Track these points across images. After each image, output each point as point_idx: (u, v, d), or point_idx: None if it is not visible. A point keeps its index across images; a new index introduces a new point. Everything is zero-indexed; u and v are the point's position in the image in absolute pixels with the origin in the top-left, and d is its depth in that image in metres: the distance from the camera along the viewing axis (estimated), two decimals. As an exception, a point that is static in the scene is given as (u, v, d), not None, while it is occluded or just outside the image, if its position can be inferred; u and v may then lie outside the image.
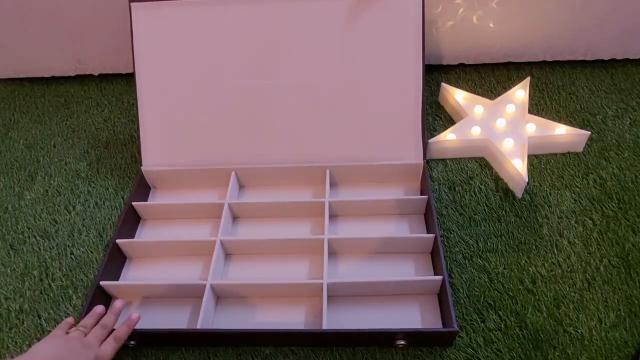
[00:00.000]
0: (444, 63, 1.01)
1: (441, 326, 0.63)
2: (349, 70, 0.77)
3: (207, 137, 0.80)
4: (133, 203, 0.78)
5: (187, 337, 0.64)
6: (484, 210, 0.77)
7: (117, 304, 0.64)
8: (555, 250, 0.71)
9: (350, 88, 0.78)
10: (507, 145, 0.80)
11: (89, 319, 0.61)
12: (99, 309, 0.63)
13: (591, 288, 0.66)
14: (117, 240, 0.72)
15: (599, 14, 0.91)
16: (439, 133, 0.84)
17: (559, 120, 0.88)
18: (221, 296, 0.69)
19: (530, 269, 0.69)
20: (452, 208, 0.77)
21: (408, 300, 0.66)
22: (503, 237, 0.73)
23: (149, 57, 0.79)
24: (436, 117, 0.93)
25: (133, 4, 0.78)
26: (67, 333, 0.58)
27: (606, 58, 0.99)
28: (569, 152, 0.84)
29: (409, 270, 0.70)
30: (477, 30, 0.94)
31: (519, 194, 0.77)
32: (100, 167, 0.90)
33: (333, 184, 0.81)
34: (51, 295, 0.71)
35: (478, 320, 0.64)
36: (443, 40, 0.96)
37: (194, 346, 0.65)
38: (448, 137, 0.83)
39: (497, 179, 0.81)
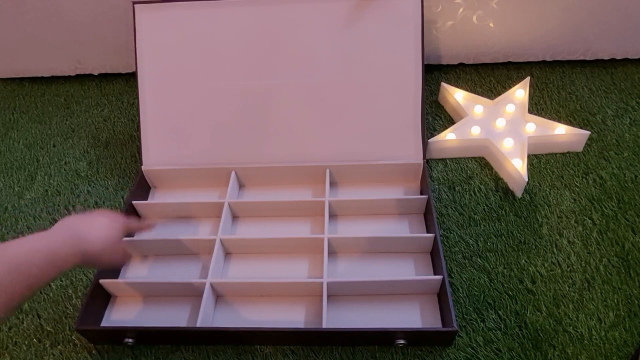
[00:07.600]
0: (444, 63, 1.01)
1: (441, 326, 0.63)
2: (349, 71, 0.78)
3: (208, 137, 0.80)
4: (133, 202, 0.78)
5: (187, 336, 0.64)
6: (484, 210, 0.77)
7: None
8: (555, 250, 0.71)
9: (350, 88, 0.78)
10: (507, 145, 0.80)
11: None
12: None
13: (591, 288, 0.66)
14: (117, 240, 0.72)
15: (598, 14, 0.91)
16: (438, 133, 0.84)
17: (559, 120, 0.88)
18: (221, 295, 0.69)
19: (530, 268, 0.69)
20: (451, 208, 0.77)
21: (408, 300, 0.66)
22: (503, 236, 0.73)
23: (151, 57, 0.80)
24: (436, 117, 0.93)
25: (137, 6, 0.78)
26: None
27: (606, 58, 0.99)
28: (568, 152, 0.84)
29: (409, 270, 0.70)
30: (477, 30, 0.94)
31: (518, 193, 0.78)
32: (100, 166, 0.90)
33: (333, 184, 0.81)
34: (51, 294, 0.71)
35: (478, 319, 0.64)
36: (443, 40, 0.96)
37: (194, 345, 0.65)
38: (448, 137, 0.83)
39: (497, 179, 0.81)
